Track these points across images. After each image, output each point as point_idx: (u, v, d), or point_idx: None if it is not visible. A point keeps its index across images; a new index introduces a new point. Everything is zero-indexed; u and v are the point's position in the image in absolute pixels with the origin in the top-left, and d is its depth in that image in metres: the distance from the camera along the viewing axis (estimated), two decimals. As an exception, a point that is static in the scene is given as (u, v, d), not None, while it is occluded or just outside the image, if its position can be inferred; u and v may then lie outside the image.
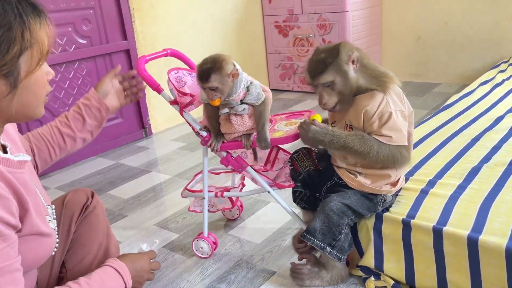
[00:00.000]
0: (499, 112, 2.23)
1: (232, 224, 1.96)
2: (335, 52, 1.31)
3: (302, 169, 1.55)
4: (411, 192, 1.54)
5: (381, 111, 1.31)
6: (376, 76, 1.34)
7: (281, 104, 3.85)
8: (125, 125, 3.18)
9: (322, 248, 1.38)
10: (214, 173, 1.86)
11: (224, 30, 3.77)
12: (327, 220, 1.37)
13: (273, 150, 1.70)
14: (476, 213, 1.37)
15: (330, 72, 1.30)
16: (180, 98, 1.53)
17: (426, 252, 1.37)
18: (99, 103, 1.39)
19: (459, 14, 3.74)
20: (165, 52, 1.66)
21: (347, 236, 1.41)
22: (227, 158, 1.57)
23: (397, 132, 1.31)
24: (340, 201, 1.38)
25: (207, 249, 1.72)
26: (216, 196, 1.67)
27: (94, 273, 1.10)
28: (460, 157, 1.77)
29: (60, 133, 1.35)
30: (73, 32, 2.79)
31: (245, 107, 1.46)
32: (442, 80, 4.00)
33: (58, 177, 2.71)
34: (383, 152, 1.30)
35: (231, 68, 1.42)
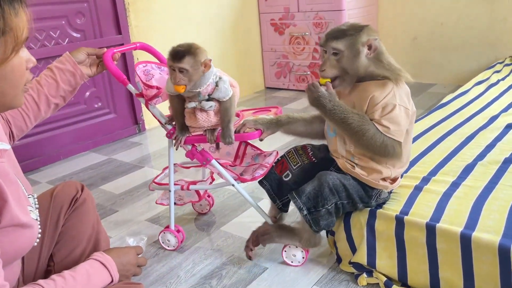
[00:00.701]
0: (494, 112, 2.23)
1: (224, 220, 1.94)
2: (358, 29, 1.30)
3: (292, 167, 1.55)
4: (405, 189, 1.53)
5: (386, 101, 1.29)
6: (390, 69, 1.33)
7: (276, 102, 3.83)
8: (118, 120, 3.15)
9: (300, 209, 1.39)
10: (184, 167, 1.86)
11: (220, 26, 3.75)
12: (318, 188, 1.37)
13: (241, 145, 1.72)
14: (470, 210, 1.37)
15: (344, 42, 1.28)
16: (146, 90, 1.53)
17: (419, 249, 1.36)
18: (74, 68, 1.38)
19: (455, 15, 3.75)
20: (135, 45, 1.68)
21: (328, 214, 1.39)
22: (192, 151, 1.58)
23: (396, 125, 1.30)
24: (339, 178, 1.38)
25: (173, 242, 1.72)
26: (182, 189, 1.68)
27: (79, 266, 1.07)
28: (455, 154, 1.76)
29: (34, 100, 1.32)
30: (66, 25, 2.76)
31: (212, 105, 1.47)
32: (437, 80, 4.00)
33: (49, 171, 2.68)
34: (377, 140, 1.28)
35: (205, 57, 1.41)
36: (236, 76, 4.10)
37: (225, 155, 1.77)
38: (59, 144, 2.84)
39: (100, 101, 3.04)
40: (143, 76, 1.57)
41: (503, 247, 1.21)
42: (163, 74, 1.64)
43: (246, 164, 1.74)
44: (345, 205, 1.41)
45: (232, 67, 3.93)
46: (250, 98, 4.01)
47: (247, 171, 1.71)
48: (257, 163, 1.70)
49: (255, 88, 4.26)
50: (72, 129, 2.90)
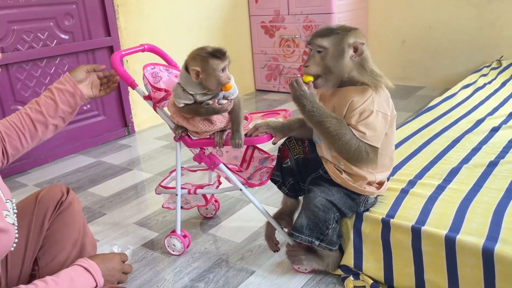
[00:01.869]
0: (480, 115, 2.26)
1: (213, 223, 1.94)
2: (346, 29, 1.30)
3: (293, 156, 1.54)
4: (391, 192, 1.54)
5: (364, 107, 1.30)
6: (371, 75, 1.33)
7: (266, 104, 3.84)
8: (108, 122, 3.14)
9: (310, 242, 1.38)
10: (190, 170, 1.84)
11: (210, 29, 3.75)
12: (313, 217, 1.37)
13: (249, 149, 1.70)
14: (454, 213, 1.38)
15: (330, 40, 1.28)
16: (154, 93, 1.52)
17: (405, 252, 1.37)
18: (73, 89, 1.36)
19: (444, 19, 3.79)
20: (142, 47, 1.65)
21: (335, 229, 1.40)
22: (200, 155, 1.56)
23: (372, 131, 1.30)
24: (325, 197, 1.38)
25: (179, 247, 1.70)
26: (189, 193, 1.66)
27: (62, 272, 1.07)
28: (441, 158, 1.78)
29: (31, 119, 1.31)
30: (55, 27, 2.75)
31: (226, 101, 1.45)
32: (425, 83, 4.04)
33: (36, 174, 2.66)
34: (352, 144, 1.28)
35: None
36: (226, 78, 4.11)
37: (232, 159, 1.74)
38: (47, 147, 2.82)
39: (89, 103, 3.02)
40: (151, 79, 1.55)
41: (486, 250, 1.22)
42: (171, 77, 1.61)
43: (253, 168, 1.71)
44: (337, 216, 1.42)
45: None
46: (240, 101, 4.00)
47: (254, 175, 1.68)
48: (264, 167, 1.68)
49: (245, 90, 4.26)
50: (60, 131, 2.88)
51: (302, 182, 1.55)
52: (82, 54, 2.91)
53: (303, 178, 1.55)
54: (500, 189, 1.49)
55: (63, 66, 2.83)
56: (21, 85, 2.63)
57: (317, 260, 1.49)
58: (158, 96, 1.51)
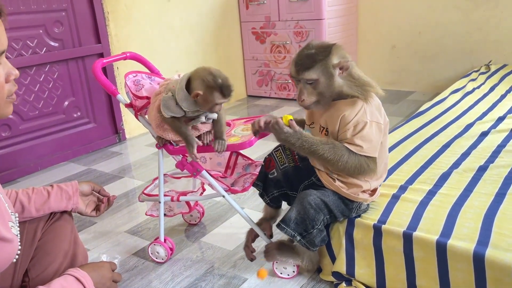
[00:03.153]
0: (469, 120, 2.28)
1: (205, 231, 1.93)
2: (327, 52, 1.28)
3: (279, 167, 1.54)
4: (383, 198, 1.55)
5: (357, 119, 1.30)
6: (360, 85, 1.33)
7: (258, 110, 3.84)
8: (98, 130, 3.12)
9: (292, 236, 1.39)
10: (174, 177, 1.84)
11: (201, 35, 3.76)
12: (303, 212, 1.37)
13: (232, 155, 1.71)
14: (445, 218, 1.39)
15: (317, 70, 1.27)
16: (135, 101, 1.52)
17: (397, 258, 1.37)
18: (73, 194, 1.34)
19: (433, 24, 3.83)
20: (124, 55, 1.66)
21: (320, 232, 1.40)
22: (182, 162, 1.57)
23: (369, 143, 1.30)
24: (320, 197, 1.39)
25: (163, 254, 1.70)
26: (172, 200, 1.67)
27: (54, 282, 1.06)
28: (431, 163, 1.79)
29: (16, 196, 1.27)
30: (44, 34, 2.73)
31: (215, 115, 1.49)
32: (416, 88, 4.07)
33: (26, 182, 2.63)
34: (351, 162, 1.30)
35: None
36: (217, 84, 4.10)
37: (216, 166, 1.75)
38: (36, 155, 2.80)
39: (80, 110, 3.00)
40: (132, 86, 1.56)
41: (477, 255, 1.23)
42: (154, 84, 1.62)
43: (237, 174, 1.72)
44: (328, 219, 1.42)
45: (213, 76, 3.93)
46: (232, 107, 4.01)
47: (238, 182, 1.69)
48: (248, 173, 1.69)
49: (236, 96, 4.26)
50: (50, 139, 2.86)
51: (292, 190, 1.55)
52: (72, 61, 2.89)
53: (293, 187, 1.55)
54: (490, 193, 1.51)
55: (52, 73, 2.81)
56: (10, 93, 2.61)
57: (291, 255, 1.50)
58: (139, 104, 1.52)
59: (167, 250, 1.69)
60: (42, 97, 2.78)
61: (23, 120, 2.72)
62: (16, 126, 2.69)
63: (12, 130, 2.67)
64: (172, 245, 1.73)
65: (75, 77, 2.92)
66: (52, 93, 2.83)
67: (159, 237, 1.69)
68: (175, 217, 2.00)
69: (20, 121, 2.70)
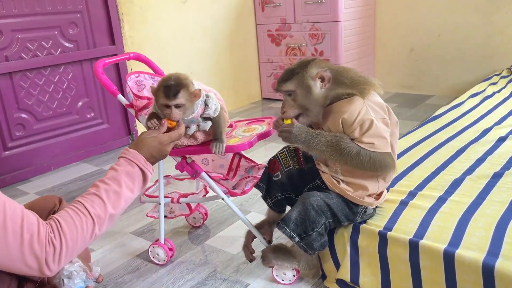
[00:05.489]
0: (487, 124, 2.19)
1: (209, 234, 1.90)
2: (305, 64, 1.31)
3: (284, 169, 1.51)
4: (390, 204, 1.49)
5: (362, 118, 1.27)
6: (355, 85, 1.30)
7: (272, 113, 3.81)
8: (111, 130, 3.14)
9: (290, 237, 1.36)
10: (177, 178, 1.83)
11: (216, 37, 3.75)
12: (304, 213, 1.34)
13: (235, 157, 1.68)
14: (455, 226, 1.32)
15: (293, 82, 1.30)
16: (136, 101, 1.51)
17: (402, 266, 1.32)
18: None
19: (452, 27, 3.73)
20: (128, 55, 1.66)
21: (320, 236, 1.36)
22: (182, 163, 1.55)
23: (380, 139, 1.28)
24: (323, 198, 1.35)
25: (163, 256, 1.68)
26: (172, 202, 1.65)
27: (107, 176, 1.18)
28: (443, 168, 1.72)
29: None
30: (59, 35, 2.76)
31: (210, 124, 1.46)
32: (434, 92, 3.97)
33: (39, 182, 2.66)
34: (362, 157, 1.27)
35: (194, 87, 1.37)
36: (232, 86, 4.11)
37: (219, 168, 1.74)
38: (50, 155, 2.83)
39: (93, 111, 3.02)
40: (134, 87, 1.56)
41: (487, 265, 1.16)
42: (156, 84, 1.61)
43: (240, 177, 1.70)
44: (330, 223, 1.38)
45: (228, 78, 3.93)
46: (246, 109, 3.99)
47: (240, 184, 1.67)
48: (250, 176, 1.67)
49: (251, 99, 4.24)
50: (64, 139, 2.89)
51: (296, 193, 1.51)
52: (86, 62, 2.92)
53: (298, 190, 1.51)
54: (504, 201, 1.44)
55: (67, 74, 2.84)
56: (24, 93, 2.65)
57: (288, 258, 1.47)
58: (140, 104, 1.51)
59: (167, 252, 1.67)
60: (56, 97, 2.81)
61: (37, 120, 2.75)
62: (30, 126, 2.72)
63: (26, 129, 2.71)
64: (172, 247, 1.71)
65: (89, 78, 2.94)
66: (66, 94, 2.86)
67: (159, 239, 1.67)
68: (180, 219, 1.98)
69: (34, 121, 2.74)
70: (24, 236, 0.98)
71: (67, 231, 1.04)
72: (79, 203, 1.11)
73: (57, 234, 1.03)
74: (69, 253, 1.05)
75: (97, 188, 1.15)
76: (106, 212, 1.13)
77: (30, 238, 0.98)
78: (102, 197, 1.14)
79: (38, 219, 1.03)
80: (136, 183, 1.22)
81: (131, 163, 1.23)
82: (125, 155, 1.24)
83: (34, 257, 0.99)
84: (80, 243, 1.07)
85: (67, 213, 1.08)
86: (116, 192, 1.17)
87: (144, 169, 1.23)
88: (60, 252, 1.02)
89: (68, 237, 1.04)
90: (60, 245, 1.02)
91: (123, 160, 1.24)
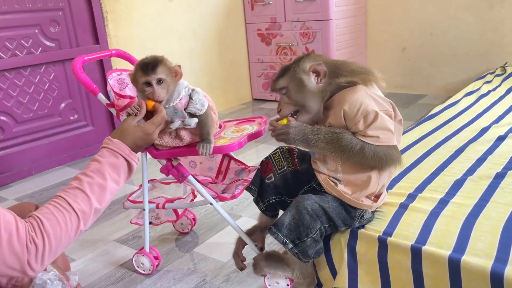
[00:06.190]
0: (485, 123, 2.13)
1: (198, 241, 1.80)
2: (298, 60, 1.25)
3: (277, 170, 1.42)
4: (390, 207, 1.41)
5: (366, 109, 1.19)
6: (356, 74, 1.23)
7: (263, 114, 3.72)
8: (96, 133, 3.02)
9: (283, 243, 1.26)
10: (163, 182, 1.73)
11: (204, 37, 3.65)
12: (297, 217, 1.25)
13: (225, 159, 1.59)
14: (459, 231, 1.24)
15: (285, 78, 1.24)
16: (117, 100, 1.41)
17: (404, 274, 1.23)
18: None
19: (445, 25, 3.68)
20: (110, 52, 1.58)
21: (315, 242, 1.27)
22: (167, 166, 1.46)
23: (385, 131, 1.20)
24: (318, 202, 1.26)
25: (148, 265, 1.59)
26: (157, 207, 1.56)
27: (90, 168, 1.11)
28: (443, 169, 1.64)
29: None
30: (40, 34, 2.65)
31: (196, 120, 1.36)
32: (427, 91, 3.92)
33: (19, 187, 2.54)
34: (366, 153, 1.19)
35: (173, 64, 1.31)
36: (221, 87, 4.01)
37: (207, 170, 1.65)
38: (31, 159, 2.71)
39: (77, 113, 2.91)
40: (116, 85, 1.47)
41: (495, 273, 1.08)
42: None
43: (229, 180, 1.61)
44: (326, 229, 1.29)
45: (217, 79, 3.83)
46: (236, 110, 3.90)
47: (230, 188, 1.58)
48: (241, 179, 1.58)
49: (241, 100, 4.15)
50: (45, 143, 2.77)
51: (291, 196, 1.42)
52: (69, 62, 2.80)
53: (292, 193, 1.42)
54: (509, 203, 1.36)
55: (48, 74, 2.73)
56: (3, 94, 2.52)
57: (281, 266, 1.38)
58: (121, 103, 1.41)
59: (152, 261, 1.57)
60: (37, 99, 2.69)
61: (17, 123, 2.63)
62: (10, 128, 2.60)
63: (5, 132, 2.59)
64: (158, 256, 1.61)
65: (72, 79, 2.83)
66: (47, 95, 2.74)
67: (144, 247, 1.57)
68: (166, 225, 1.88)
69: (14, 123, 2.62)
70: (1, 235, 0.91)
71: (50, 229, 0.98)
72: (61, 198, 1.04)
73: (38, 232, 0.97)
74: (53, 251, 0.99)
75: (80, 182, 1.07)
76: (91, 207, 1.06)
77: (8, 237, 0.91)
78: (85, 191, 1.06)
79: (16, 217, 0.96)
80: (121, 175, 1.16)
81: (115, 153, 1.15)
82: (108, 145, 1.17)
83: (15, 257, 0.93)
84: (64, 241, 1.01)
85: (48, 209, 1.01)
86: (101, 185, 1.09)
87: (130, 160, 1.17)
88: (43, 251, 0.96)
89: (51, 235, 0.98)
90: (42, 244, 0.96)
91: (106, 150, 1.16)
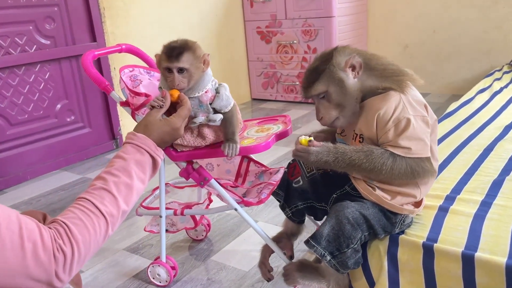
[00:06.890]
0: (507, 121, 2.06)
1: (214, 248, 1.69)
2: (329, 57, 1.12)
3: (306, 174, 1.32)
4: (428, 210, 1.31)
5: (398, 116, 1.09)
6: (389, 75, 1.13)
7: (264, 114, 3.62)
8: (94, 135, 2.88)
9: (321, 256, 1.16)
10: (177, 187, 1.61)
11: (203, 35, 3.54)
12: (337, 228, 1.15)
13: (244, 161, 1.48)
14: (510, 235, 1.15)
15: (322, 81, 1.11)
16: (133, 98, 1.29)
17: (453, 283, 1.14)
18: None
19: (448, 22, 3.62)
20: (120, 47, 1.46)
21: (355, 253, 1.18)
22: (187, 169, 1.34)
23: (418, 142, 1.09)
24: (358, 209, 1.16)
25: (165, 276, 1.47)
26: (175, 214, 1.44)
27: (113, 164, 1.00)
28: (476, 169, 1.56)
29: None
30: (34, 31, 2.50)
31: (221, 117, 1.26)
32: (430, 90, 3.86)
33: (14, 193, 2.39)
34: (399, 168, 1.09)
35: (203, 52, 1.21)
36: (221, 86, 3.87)
37: (225, 173, 1.53)
38: (26, 163, 2.55)
39: (73, 114, 2.77)
40: (129, 82, 1.35)
41: (560, 282, 1.00)
42: (153, 80, 1.42)
43: (249, 183, 1.51)
44: (366, 237, 1.19)
45: (215, 78, 3.71)
46: (236, 110, 3.78)
47: (251, 192, 1.48)
48: (262, 182, 1.47)
49: (240, 99, 4.04)
50: (41, 146, 2.62)
51: (320, 201, 1.32)
52: (65, 60, 2.66)
53: (322, 198, 1.32)
54: (557, 204, 1.28)
55: (44, 74, 2.58)
56: (-4, 94, 2.38)
57: (316, 277, 1.27)
58: (137, 101, 1.29)
59: (169, 272, 1.45)
60: (32, 99, 2.55)
61: (11, 125, 2.48)
62: (3, 131, 2.45)
63: (-2, 135, 2.44)
64: (174, 265, 1.49)
65: (68, 78, 2.69)
66: (43, 95, 2.59)
67: (160, 257, 1.46)
68: (178, 232, 1.76)
69: (8, 125, 2.46)
70: (25, 246, 0.80)
71: (78, 235, 0.87)
72: (86, 200, 0.93)
73: (66, 239, 0.86)
74: (81, 260, 0.89)
75: (105, 182, 0.96)
76: (118, 209, 0.95)
77: (33, 248, 0.81)
78: (112, 191, 0.95)
79: (38, 224, 0.85)
80: (147, 173, 1.05)
81: (140, 150, 1.04)
82: (132, 140, 1.05)
83: (41, 269, 0.82)
84: (93, 248, 0.91)
85: (73, 213, 0.90)
86: (127, 184, 0.99)
87: (156, 156, 1.06)
88: (71, 259, 0.86)
89: (80, 242, 0.87)
90: (71, 252, 0.85)
91: (131, 146, 1.04)
